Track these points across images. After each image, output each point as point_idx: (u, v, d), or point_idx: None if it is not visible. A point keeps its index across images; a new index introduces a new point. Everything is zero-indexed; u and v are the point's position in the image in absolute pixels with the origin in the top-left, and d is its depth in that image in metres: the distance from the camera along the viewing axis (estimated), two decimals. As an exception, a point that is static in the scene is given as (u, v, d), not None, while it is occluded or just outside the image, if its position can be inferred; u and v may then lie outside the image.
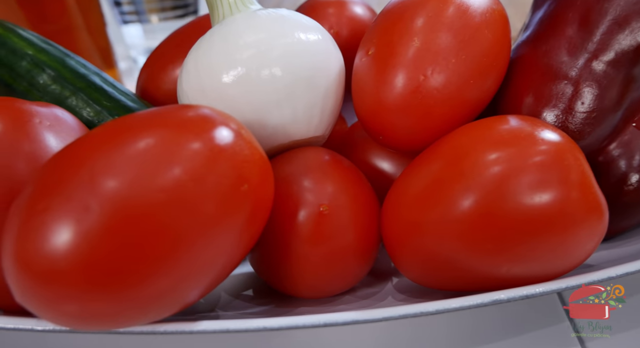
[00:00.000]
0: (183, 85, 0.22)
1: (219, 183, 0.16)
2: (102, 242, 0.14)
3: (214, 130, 0.17)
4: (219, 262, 0.17)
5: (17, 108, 0.20)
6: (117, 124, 0.16)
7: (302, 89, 0.22)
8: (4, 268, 0.15)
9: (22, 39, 0.27)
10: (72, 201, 0.14)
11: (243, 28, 0.22)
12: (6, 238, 0.15)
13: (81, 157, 0.15)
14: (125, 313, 0.16)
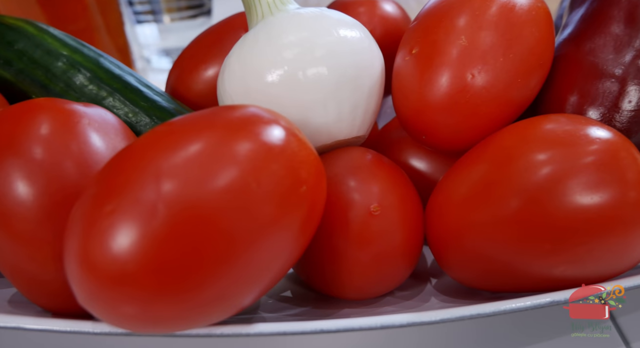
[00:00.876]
0: (226, 85, 0.22)
1: (279, 185, 0.16)
2: (168, 244, 0.14)
3: (272, 131, 0.17)
4: (277, 264, 0.16)
5: (64, 108, 0.20)
6: (174, 126, 0.16)
7: (348, 88, 0.21)
8: (68, 270, 0.15)
9: (56, 40, 0.27)
10: (139, 203, 0.14)
11: (288, 27, 0.22)
12: (70, 241, 0.15)
13: (144, 159, 0.15)
14: (187, 316, 0.16)
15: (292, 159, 0.16)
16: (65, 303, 0.19)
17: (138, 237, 0.14)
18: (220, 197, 0.15)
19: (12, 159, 0.18)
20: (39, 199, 0.18)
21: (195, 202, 0.15)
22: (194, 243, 0.14)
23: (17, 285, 0.19)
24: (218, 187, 0.15)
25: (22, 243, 0.18)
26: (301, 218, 0.16)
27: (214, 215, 0.15)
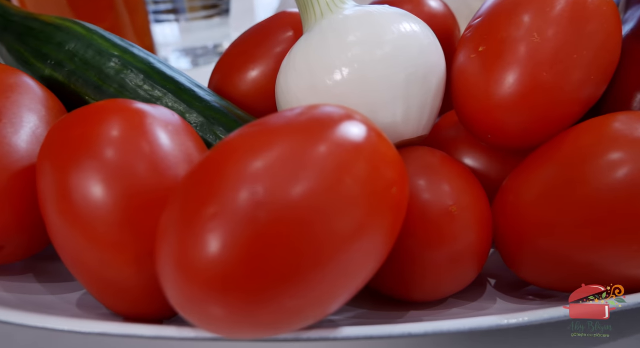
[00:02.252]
0: (291, 85, 0.22)
1: (373, 186, 0.15)
2: (269, 248, 0.14)
3: (360, 130, 0.16)
4: (368, 268, 0.16)
5: (133, 109, 0.19)
6: (262, 128, 0.16)
7: (417, 87, 0.21)
8: (163, 274, 0.15)
9: (105, 40, 0.27)
10: (240, 207, 0.14)
11: (356, 25, 0.21)
12: (166, 245, 0.15)
13: (239, 162, 0.15)
14: (279, 321, 0.15)
15: (383, 160, 0.16)
16: (141, 307, 0.19)
17: (239, 241, 0.14)
18: (317, 199, 0.14)
19: (87, 162, 0.18)
20: (118, 202, 0.17)
21: (294, 205, 0.14)
22: (292, 247, 0.14)
23: (91, 289, 0.19)
24: (315, 189, 0.15)
25: (101, 248, 0.17)
26: (392, 220, 0.16)
27: (312, 218, 0.14)
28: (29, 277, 0.22)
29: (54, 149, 0.18)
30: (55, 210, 0.18)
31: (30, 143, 0.20)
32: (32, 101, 0.22)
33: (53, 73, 0.26)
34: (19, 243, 0.20)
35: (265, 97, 0.30)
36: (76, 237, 0.18)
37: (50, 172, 0.18)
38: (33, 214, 0.20)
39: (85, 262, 0.18)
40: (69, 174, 0.17)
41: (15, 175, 0.19)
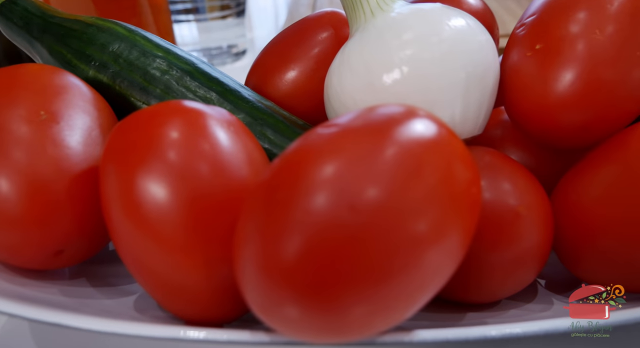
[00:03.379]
0: (346, 85, 0.22)
1: (456, 187, 0.15)
2: (356, 252, 0.14)
3: (437, 131, 0.16)
4: (447, 270, 0.16)
5: (193, 110, 0.19)
6: (339, 131, 0.15)
7: (475, 85, 0.21)
8: (244, 278, 0.15)
9: (147, 41, 0.26)
10: (326, 211, 0.14)
11: (413, 22, 0.21)
12: (248, 249, 0.14)
13: (317, 166, 0.14)
14: (359, 325, 0.15)
15: (460, 159, 0.16)
16: (204, 311, 0.19)
17: (328, 244, 0.13)
18: (403, 200, 0.14)
19: (153, 165, 0.17)
20: (185, 204, 0.17)
21: (381, 207, 0.14)
22: (378, 249, 0.14)
23: (154, 292, 0.19)
24: (401, 190, 0.14)
25: (168, 251, 0.17)
26: (470, 221, 0.16)
27: (398, 220, 0.14)
28: (82, 281, 0.22)
29: (117, 152, 0.18)
30: (120, 213, 0.17)
31: (88, 145, 0.20)
32: (84, 102, 0.21)
33: (97, 74, 0.25)
34: (78, 247, 0.20)
35: (305, 98, 0.29)
36: (142, 241, 0.17)
37: (115, 175, 0.18)
38: (92, 218, 0.20)
39: (150, 265, 0.18)
40: (135, 176, 0.17)
41: (75, 178, 0.19)
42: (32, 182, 0.18)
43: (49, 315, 0.17)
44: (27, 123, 0.19)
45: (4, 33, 0.30)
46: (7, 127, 0.19)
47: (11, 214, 0.18)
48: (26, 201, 0.18)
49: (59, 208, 0.19)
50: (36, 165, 0.18)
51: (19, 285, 0.20)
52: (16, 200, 0.18)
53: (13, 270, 0.20)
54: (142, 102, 0.25)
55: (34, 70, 0.21)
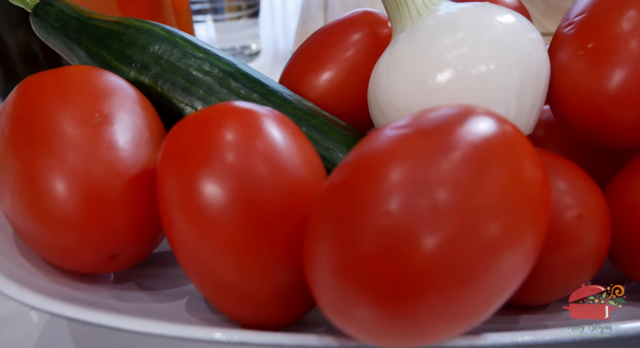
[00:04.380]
0: (397, 86, 0.21)
1: (532, 188, 0.15)
2: (447, 253, 0.13)
3: (509, 130, 0.16)
4: (522, 273, 0.16)
5: (246, 111, 0.19)
6: (409, 133, 0.15)
7: (530, 85, 0.21)
8: (319, 281, 0.15)
9: (187, 42, 0.26)
10: (418, 212, 0.13)
11: (465, 21, 0.21)
12: (325, 252, 0.14)
13: (393, 168, 0.14)
14: (438, 329, 0.15)
15: (532, 160, 0.16)
16: (263, 314, 0.18)
17: (426, 247, 0.13)
18: (481, 201, 0.14)
19: (211, 168, 0.17)
20: (247, 207, 0.17)
21: (469, 210, 0.14)
22: (467, 251, 0.14)
23: (212, 295, 0.18)
24: (489, 191, 0.14)
25: (230, 254, 0.17)
26: (543, 222, 0.16)
27: (477, 222, 0.14)
28: (130, 285, 0.22)
29: (176, 155, 0.18)
30: (180, 216, 0.17)
31: (140, 147, 0.20)
32: (132, 103, 0.21)
33: (138, 76, 0.25)
34: (132, 251, 0.20)
35: (342, 98, 0.29)
36: (202, 243, 0.17)
37: (175, 179, 0.17)
38: (146, 221, 0.20)
39: (210, 267, 0.17)
40: (195, 179, 0.17)
41: (130, 181, 0.19)
42: (89, 185, 0.18)
43: (112, 319, 0.17)
44: (83, 125, 0.19)
45: (38, 34, 0.29)
46: (63, 129, 0.18)
47: (69, 218, 0.18)
48: (84, 204, 0.18)
49: (115, 211, 0.19)
50: (93, 169, 0.18)
51: (74, 289, 0.19)
52: (74, 203, 0.18)
53: (66, 274, 0.20)
54: (185, 104, 0.24)
55: (82, 72, 0.21)
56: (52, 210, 0.18)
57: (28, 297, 0.17)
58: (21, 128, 0.18)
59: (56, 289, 0.19)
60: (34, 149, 0.18)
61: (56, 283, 0.19)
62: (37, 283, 0.18)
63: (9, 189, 0.18)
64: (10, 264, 0.19)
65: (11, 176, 0.18)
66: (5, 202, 0.18)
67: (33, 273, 0.19)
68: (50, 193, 0.18)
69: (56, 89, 0.20)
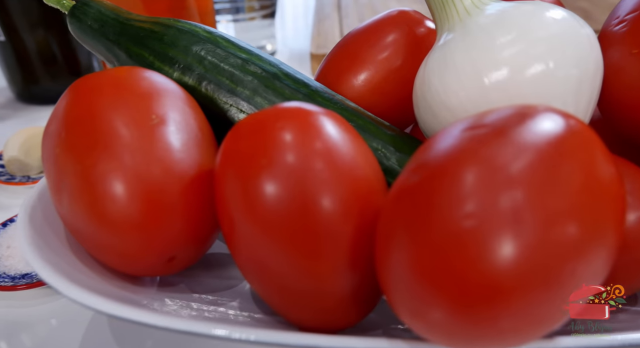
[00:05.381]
0: (451, 86, 0.21)
1: (613, 188, 0.15)
2: (533, 256, 0.13)
3: (584, 130, 0.16)
4: (601, 276, 0.15)
5: (302, 110, 0.19)
6: (484, 134, 0.15)
7: (587, 84, 0.20)
8: (395, 283, 0.14)
9: (228, 42, 0.26)
10: (500, 212, 0.13)
11: (521, 19, 0.21)
12: (401, 253, 0.14)
13: (474, 171, 0.14)
14: (516, 333, 0.15)
15: (609, 158, 0.15)
16: (324, 317, 0.18)
17: (512, 248, 0.13)
18: (570, 201, 0.14)
19: (275, 169, 0.17)
20: (311, 209, 0.17)
21: (551, 210, 0.13)
22: (555, 255, 0.13)
23: (273, 297, 0.18)
24: (570, 191, 0.14)
25: (297, 257, 0.17)
26: (622, 223, 0.15)
27: (568, 222, 0.14)
28: (182, 288, 0.22)
29: (237, 157, 0.18)
30: (244, 218, 0.17)
31: (194, 148, 0.20)
32: (183, 104, 0.21)
33: (182, 76, 0.25)
34: (188, 253, 0.20)
35: (381, 98, 0.29)
36: (268, 247, 0.17)
37: (237, 181, 0.17)
38: (203, 223, 0.19)
39: (274, 270, 0.17)
40: (259, 181, 0.17)
41: (187, 183, 0.19)
42: (149, 187, 0.18)
43: (178, 323, 0.16)
44: (141, 127, 0.18)
45: (74, 36, 0.29)
46: (122, 131, 0.18)
47: (129, 221, 0.18)
48: (144, 207, 0.18)
49: (174, 213, 0.18)
50: (153, 171, 0.18)
51: (131, 292, 0.19)
52: (135, 206, 0.18)
53: (119, 277, 0.20)
54: (230, 105, 0.24)
55: (133, 73, 0.21)
56: (112, 213, 0.18)
57: (96, 302, 0.16)
58: (79, 130, 0.18)
59: (114, 292, 0.19)
60: (94, 151, 0.18)
61: (114, 286, 0.19)
62: (97, 286, 0.18)
63: (68, 191, 0.18)
64: (67, 266, 0.19)
65: (70, 178, 0.18)
66: (63, 203, 0.18)
67: (90, 276, 0.19)
68: (110, 196, 0.17)
69: (112, 91, 0.19)
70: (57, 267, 0.18)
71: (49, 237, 0.20)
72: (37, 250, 0.18)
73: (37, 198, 0.21)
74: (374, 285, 0.18)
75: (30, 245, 0.18)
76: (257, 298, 0.22)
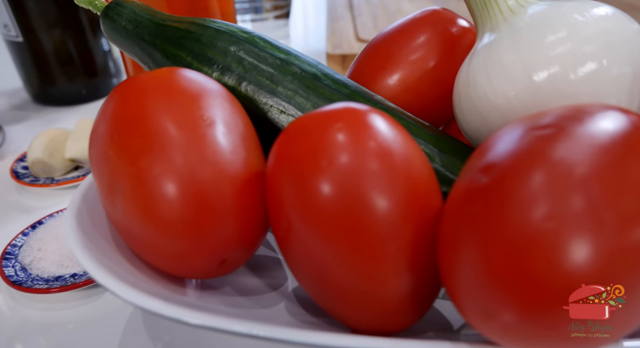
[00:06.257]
0: (499, 86, 0.21)
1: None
2: (618, 257, 0.13)
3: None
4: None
5: (355, 111, 0.18)
6: (555, 134, 0.15)
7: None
8: (463, 286, 0.14)
9: (265, 42, 0.26)
10: (580, 213, 0.13)
11: (568, 17, 0.20)
12: (470, 255, 0.14)
13: (551, 174, 0.14)
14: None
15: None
16: (382, 320, 0.18)
17: (591, 250, 0.13)
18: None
19: (332, 171, 0.17)
20: (371, 210, 0.16)
21: (630, 209, 0.13)
22: (636, 253, 0.13)
23: (328, 299, 0.18)
24: None
25: (361, 260, 0.16)
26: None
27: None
28: (228, 291, 0.22)
29: (292, 158, 0.17)
30: (302, 221, 0.17)
31: (244, 149, 0.19)
32: (230, 105, 0.21)
33: (221, 77, 0.25)
34: (239, 256, 0.19)
35: (416, 98, 0.29)
36: (327, 250, 0.17)
37: (294, 183, 0.17)
38: (253, 225, 0.19)
39: (333, 274, 0.17)
40: (318, 183, 0.17)
41: (240, 185, 0.18)
42: (204, 190, 0.18)
43: (234, 324, 0.16)
44: (193, 128, 0.18)
45: (107, 37, 0.29)
46: (175, 133, 0.18)
47: (185, 224, 0.18)
48: (200, 210, 0.18)
49: (227, 216, 0.18)
50: (207, 173, 0.18)
51: (179, 294, 0.19)
52: (191, 209, 0.17)
53: (169, 279, 0.20)
54: (270, 105, 0.24)
55: (179, 73, 0.21)
56: (168, 215, 0.17)
57: (153, 304, 0.16)
58: (132, 132, 0.18)
59: (164, 293, 0.18)
60: (149, 153, 0.17)
61: (163, 288, 0.19)
62: (150, 288, 0.18)
63: (122, 193, 0.18)
64: (119, 268, 0.18)
65: (125, 180, 0.18)
66: (116, 205, 0.18)
67: (140, 278, 0.19)
68: (167, 198, 0.17)
69: (162, 92, 0.19)
70: (112, 271, 0.18)
71: (98, 240, 0.19)
72: (89, 254, 0.18)
73: (82, 201, 0.21)
74: (431, 286, 0.18)
75: (82, 249, 0.18)
76: (302, 300, 0.22)
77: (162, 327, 0.26)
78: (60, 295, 0.29)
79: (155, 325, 0.26)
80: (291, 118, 0.24)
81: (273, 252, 0.26)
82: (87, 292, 0.29)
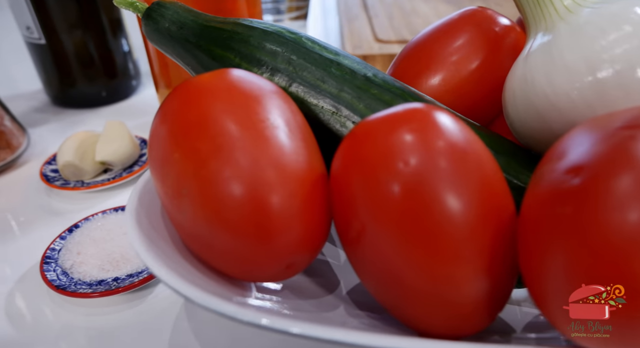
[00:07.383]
0: (561, 85, 0.21)
1: None
2: None
3: None
4: None
5: (421, 111, 0.18)
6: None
7: None
8: (553, 293, 0.14)
9: (313, 43, 0.26)
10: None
11: (631, 13, 0.20)
12: (560, 261, 0.14)
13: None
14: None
15: None
16: (454, 325, 0.18)
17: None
18: None
19: (406, 173, 0.16)
20: (448, 212, 0.16)
21: None
22: None
23: (398, 304, 0.18)
24: None
25: (440, 263, 0.16)
26: None
27: None
28: (287, 294, 0.21)
29: (366, 162, 0.17)
30: (378, 225, 0.17)
31: (306, 151, 0.19)
32: (288, 105, 0.21)
33: (271, 78, 0.24)
34: (304, 259, 0.19)
35: (459, 98, 0.29)
36: (404, 254, 0.16)
37: (369, 186, 0.17)
38: (320, 228, 0.19)
39: (408, 278, 0.17)
40: (395, 186, 0.16)
41: (307, 189, 0.18)
42: (274, 193, 0.17)
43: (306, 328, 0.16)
44: (259, 130, 0.18)
45: (148, 37, 0.29)
46: (243, 135, 0.18)
47: (255, 227, 0.17)
48: (269, 213, 0.17)
49: (295, 219, 0.18)
50: (276, 176, 0.17)
51: (240, 296, 0.19)
52: (260, 212, 0.17)
53: (231, 283, 0.20)
54: (321, 106, 0.24)
55: (238, 74, 0.20)
56: (239, 219, 0.17)
57: (227, 308, 0.16)
58: (198, 135, 0.18)
59: (227, 295, 0.18)
60: (218, 156, 0.17)
61: (226, 289, 0.19)
62: (220, 291, 0.18)
63: (191, 197, 0.17)
64: (183, 270, 0.18)
65: (193, 184, 0.17)
66: (183, 209, 0.18)
67: (205, 281, 0.18)
68: (238, 202, 0.17)
69: (224, 94, 0.19)
70: (179, 273, 0.17)
71: (159, 242, 0.19)
72: (156, 257, 0.18)
73: (139, 203, 0.21)
74: (505, 288, 0.18)
75: (148, 252, 0.18)
76: (360, 303, 0.22)
77: (208, 330, 0.26)
78: (103, 299, 0.28)
79: (201, 328, 0.26)
80: (343, 119, 0.23)
81: (321, 255, 0.26)
82: (129, 296, 0.29)
